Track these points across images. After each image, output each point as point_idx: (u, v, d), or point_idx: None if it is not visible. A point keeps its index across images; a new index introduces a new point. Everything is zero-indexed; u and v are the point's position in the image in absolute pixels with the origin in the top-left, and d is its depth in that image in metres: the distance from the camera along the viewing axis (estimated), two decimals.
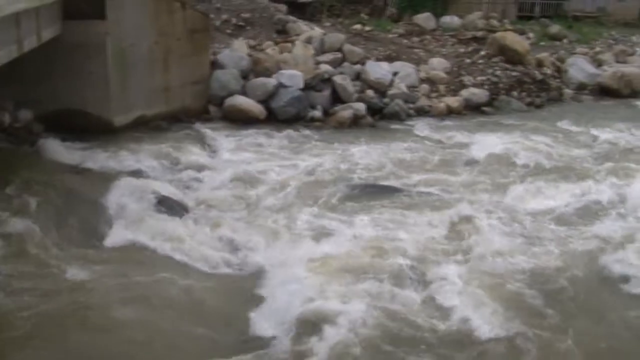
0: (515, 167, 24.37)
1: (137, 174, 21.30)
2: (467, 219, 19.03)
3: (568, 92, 36.17)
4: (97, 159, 22.39)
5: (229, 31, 33.44)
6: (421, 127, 29.52)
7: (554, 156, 25.65)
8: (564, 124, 30.40)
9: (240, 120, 28.06)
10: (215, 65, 29.58)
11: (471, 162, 24.81)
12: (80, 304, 13.77)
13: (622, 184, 22.53)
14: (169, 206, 18.97)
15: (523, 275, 15.82)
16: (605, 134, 28.83)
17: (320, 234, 17.89)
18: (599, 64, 40.20)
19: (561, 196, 21.61)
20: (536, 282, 15.51)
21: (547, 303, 14.71)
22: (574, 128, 29.95)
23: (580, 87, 36.84)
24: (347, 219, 18.97)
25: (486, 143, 26.60)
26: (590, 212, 20.41)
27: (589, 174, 23.57)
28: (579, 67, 37.91)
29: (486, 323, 13.66)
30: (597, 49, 44.25)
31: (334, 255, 16.29)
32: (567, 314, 14.40)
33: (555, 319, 14.13)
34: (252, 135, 26.76)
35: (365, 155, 24.87)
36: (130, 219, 18.02)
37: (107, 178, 20.47)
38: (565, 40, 46.39)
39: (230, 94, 28.75)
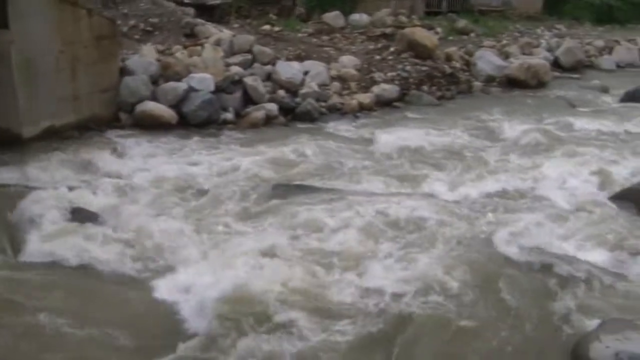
0: (426, 158, 25.11)
1: (48, 185, 20.88)
2: (383, 213, 19.42)
3: (477, 84, 37.11)
4: (5, 172, 21.96)
5: (137, 37, 33.12)
6: (333, 124, 29.91)
7: (464, 147, 26.52)
8: (473, 116, 31.41)
9: (151, 126, 27.79)
10: (124, 71, 29.19)
11: (383, 156, 25.33)
12: None
13: (530, 174, 23.48)
14: (82, 216, 18.73)
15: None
16: (513, 124, 29.90)
17: (235, 237, 17.95)
18: (506, 56, 41.38)
19: (472, 185, 22.43)
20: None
21: None
22: (482, 119, 30.98)
23: (489, 80, 37.81)
24: (260, 222, 19.09)
25: (397, 137, 27.22)
26: (499, 202, 21.12)
27: (498, 164, 24.55)
28: (487, 60, 38.89)
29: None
30: (504, 42, 45.60)
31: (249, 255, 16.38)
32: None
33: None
34: (164, 141, 26.54)
35: (279, 155, 24.98)
36: (44, 232, 17.74)
37: (17, 191, 20.18)
38: (472, 34, 47.59)
39: (141, 100, 28.44)
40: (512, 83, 38.06)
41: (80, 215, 18.79)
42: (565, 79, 40.62)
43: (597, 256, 17.52)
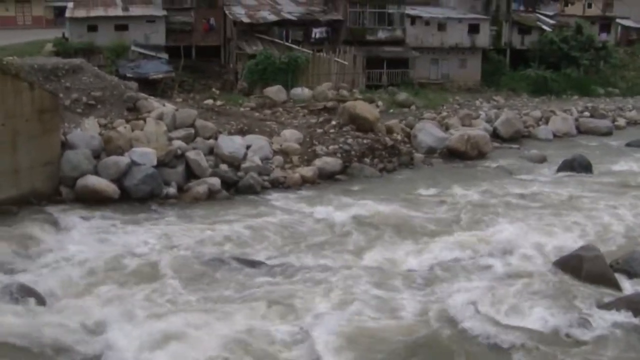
0: (368, 230, 25.28)
1: None
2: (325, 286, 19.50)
3: (419, 156, 37.56)
4: None
5: (79, 110, 32.89)
6: (276, 198, 29.95)
7: (405, 218, 26.72)
8: (414, 187, 31.79)
9: (93, 200, 27.59)
10: (65, 145, 29.08)
11: (325, 229, 25.51)
12: None
13: (470, 242, 23.82)
14: (20, 295, 18.36)
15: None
16: (454, 195, 30.47)
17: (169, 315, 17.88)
18: (446, 128, 42.11)
19: (414, 256, 22.73)
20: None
21: None
22: (423, 190, 31.36)
23: (430, 151, 38.29)
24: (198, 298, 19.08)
25: (339, 210, 27.44)
26: (440, 272, 21.38)
27: (439, 234, 24.81)
28: (428, 132, 39.42)
29: None
30: (444, 113, 46.41)
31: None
32: None
33: None
34: (106, 216, 26.30)
35: (218, 230, 24.87)
36: None
37: None
38: (413, 107, 48.42)
39: (82, 175, 28.27)
40: (453, 154, 38.67)
41: (19, 293, 18.38)
42: (504, 149, 41.46)
43: (538, 322, 18.00)
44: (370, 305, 18.76)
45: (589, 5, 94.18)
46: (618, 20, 76.02)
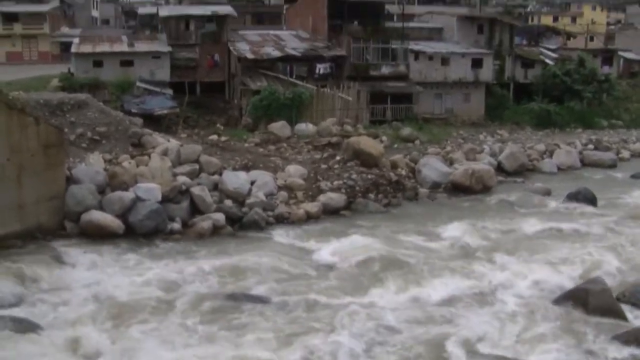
0: (373, 266, 25.14)
1: None
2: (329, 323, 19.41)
3: (423, 191, 37.51)
4: None
5: (84, 145, 33.09)
6: (280, 234, 29.85)
7: (411, 254, 26.60)
8: (419, 222, 31.62)
9: (98, 236, 27.57)
10: (70, 180, 29.17)
11: (330, 266, 25.48)
12: None
13: (476, 278, 23.73)
14: (25, 328, 18.43)
15: None
16: (456, 231, 30.14)
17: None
18: (450, 162, 42.08)
19: (420, 291, 22.67)
20: None
21: None
22: (428, 225, 31.21)
23: (435, 186, 38.25)
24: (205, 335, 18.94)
25: (344, 246, 27.32)
26: (447, 308, 21.28)
27: (445, 269, 24.69)
28: (432, 167, 39.39)
29: None
30: (448, 148, 46.40)
31: None
32: None
33: None
34: (110, 252, 26.24)
35: (224, 267, 24.79)
36: None
37: None
38: (417, 142, 48.41)
39: (87, 210, 28.30)
40: (457, 188, 38.62)
41: (23, 326, 18.51)
42: (509, 183, 41.40)
43: (547, 358, 17.89)
44: (372, 342, 18.58)
45: (591, 39, 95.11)
46: (620, 53, 76.49)
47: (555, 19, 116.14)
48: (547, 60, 66.13)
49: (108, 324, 19.55)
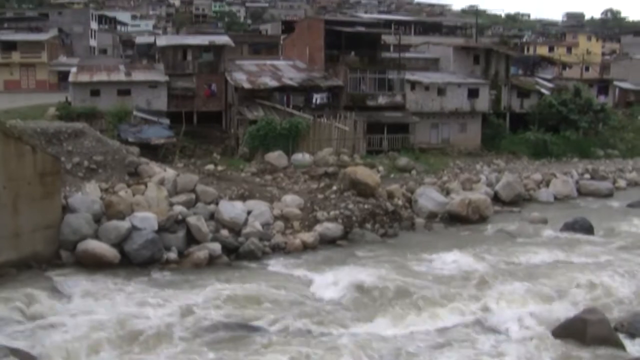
0: (370, 297, 25.00)
1: None
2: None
3: (420, 221, 37.48)
4: None
5: (80, 174, 33.06)
6: (277, 264, 29.72)
7: (408, 284, 26.40)
8: (415, 253, 31.42)
9: (93, 265, 27.47)
10: (66, 209, 29.11)
11: (327, 297, 25.27)
12: None
13: (474, 308, 23.64)
14: (20, 358, 18.26)
15: None
16: (453, 261, 30.04)
17: None
18: (447, 192, 42.05)
19: (415, 324, 22.53)
20: None
21: None
22: (425, 255, 31.03)
23: (431, 216, 38.22)
24: None
25: (341, 277, 27.06)
26: (446, 338, 21.17)
27: (443, 300, 24.60)
28: (428, 197, 39.37)
29: None
30: (445, 178, 46.39)
31: None
32: None
33: None
34: (105, 281, 26.06)
35: (221, 297, 24.60)
36: None
37: None
38: (413, 172, 48.45)
39: (83, 239, 28.23)
40: (454, 218, 38.60)
41: (16, 356, 18.27)
42: (506, 213, 41.42)
43: None
44: None
45: (587, 69, 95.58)
46: (615, 83, 76.99)
47: (551, 49, 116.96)
48: (543, 90, 66.44)
49: (104, 354, 19.37)
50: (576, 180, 49.89)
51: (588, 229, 35.97)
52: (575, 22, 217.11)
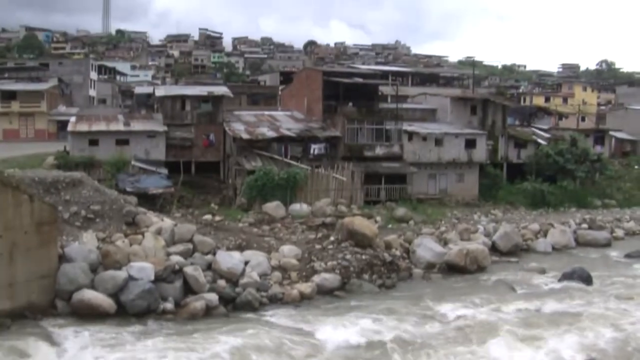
0: (367, 353, 24.84)
1: None
2: None
3: (417, 271, 37.37)
4: None
5: (78, 224, 33.04)
6: (274, 315, 29.50)
7: (406, 338, 26.27)
8: (412, 304, 31.28)
9: (89, 315, 27.25)
10: (63, 258, 28.98)
11: (321, 349, 25.10)
12: None
13: None
14: None
15: None
16: (451, 312, 29.96)
17: None
18: (445, 242, 42.01)
19: None
20: None
21: None
22: (423, 306, 30.93)
23: (429, 266, 38.11)
24: None
25: (338, 329, 26.98)
26: None
27: (443, 354, 24.43)
28: (426, 247, 39.28)
29: None
30: (442, 228, 46.36)
31: None
32: None
33: None
34: (101, 332, 25.84)
35: (219, 349, 24.42)
36: None
37: None
38: (411, 222, 48.38)
39: (79, 288, 28.04)
40: (452, 269, 38.50)
41: None
42: (503, 263, 41.37)
43: None
44: None
45: (583, 119, 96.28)
46: (612, 133, 77.57)
47: (547, 100, 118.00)
48: (540, 140, 66.87)
49: None
50: (574, 230, 49.97)
51: (586, 279, 35.97)
52: (571, 73, 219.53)
